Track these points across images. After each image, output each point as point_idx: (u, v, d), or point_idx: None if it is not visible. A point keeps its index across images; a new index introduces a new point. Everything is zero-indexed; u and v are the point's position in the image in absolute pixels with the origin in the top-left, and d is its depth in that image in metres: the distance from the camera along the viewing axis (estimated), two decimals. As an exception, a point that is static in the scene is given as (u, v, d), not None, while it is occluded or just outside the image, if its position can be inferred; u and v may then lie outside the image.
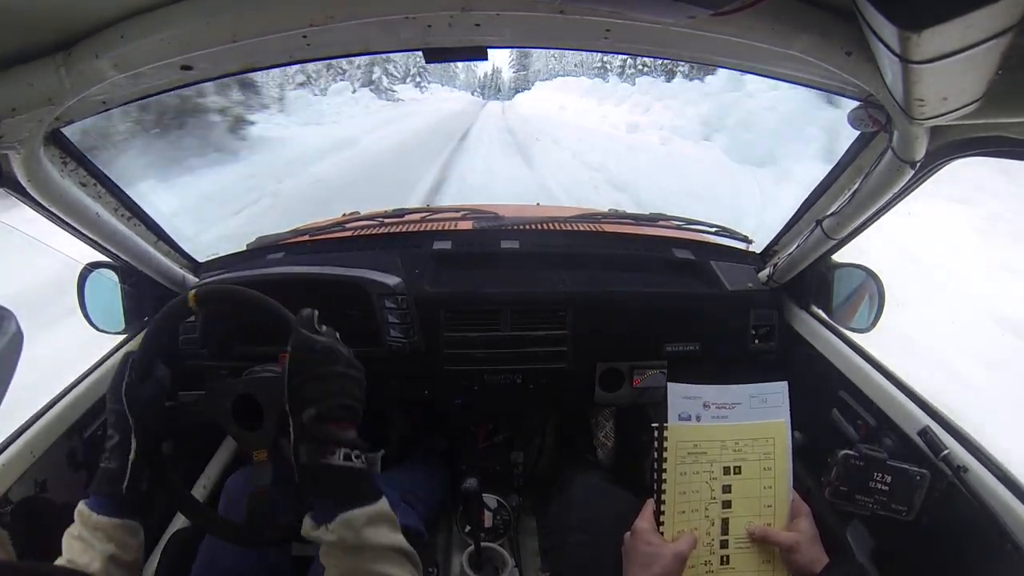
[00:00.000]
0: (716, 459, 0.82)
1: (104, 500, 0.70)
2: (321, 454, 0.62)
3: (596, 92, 20.92)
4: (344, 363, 0.67)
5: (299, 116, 13.34)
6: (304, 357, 0.65)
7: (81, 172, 0.96)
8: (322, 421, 0.63)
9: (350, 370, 0.67)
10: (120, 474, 0.70)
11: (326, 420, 0.64)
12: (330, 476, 0.62)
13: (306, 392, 0.64)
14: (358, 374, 0.69)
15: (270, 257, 1.40)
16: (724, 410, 0.83)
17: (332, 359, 0.66)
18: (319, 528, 0.62)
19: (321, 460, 0.62)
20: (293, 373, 0.65)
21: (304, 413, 0.63)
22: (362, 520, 0.61)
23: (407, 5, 0.67)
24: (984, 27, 0.41)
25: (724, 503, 0.81)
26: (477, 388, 1.29)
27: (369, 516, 0.62)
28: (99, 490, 0.70)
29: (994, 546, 0.75)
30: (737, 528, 0.80)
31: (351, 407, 0.66)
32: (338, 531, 0.61)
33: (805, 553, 0.76)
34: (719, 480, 0.81)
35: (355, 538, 0.61)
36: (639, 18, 0.67)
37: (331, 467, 0.62)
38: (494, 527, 1.42)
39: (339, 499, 0.62)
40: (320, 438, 0.63)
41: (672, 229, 1.51)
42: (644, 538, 0.77)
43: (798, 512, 0.81)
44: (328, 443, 0.63)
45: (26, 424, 0.97)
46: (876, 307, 1.13)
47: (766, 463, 0.82)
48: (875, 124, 0.80)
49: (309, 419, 0.63)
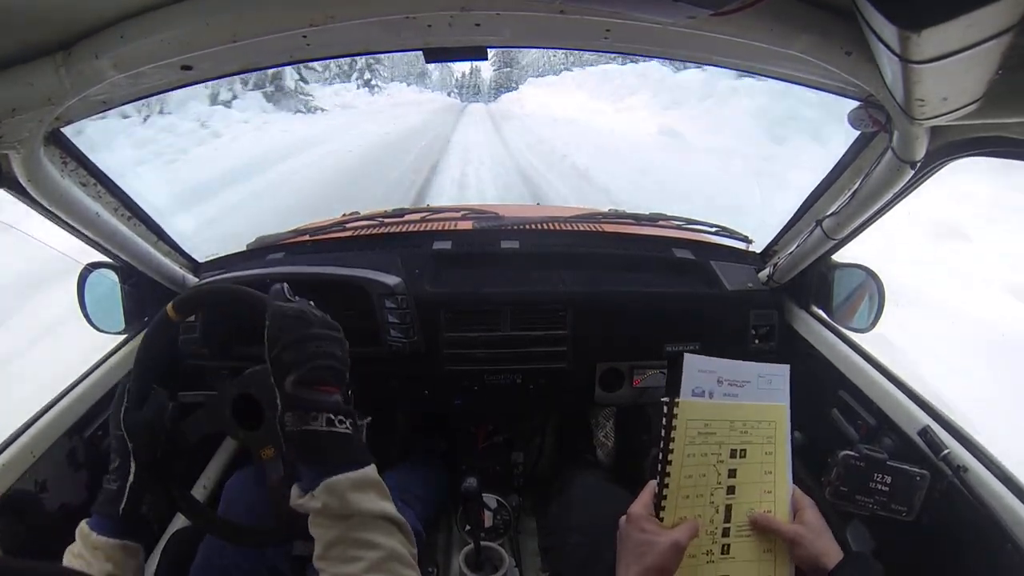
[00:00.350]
0: (725, 440, 0.75)
1: (104, 520, 0.70)
2: (304, 420, 0.61)
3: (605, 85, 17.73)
4: (319, 324, 0.66)
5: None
6: (278, 324, 0.65)
7: (81, 172, 0.95)
8: (305, 385, 0.62)
9: (326, 330, 0.67)
10: (120, 496, 0.70)
11: (309, 384, 0.63)
12: (313, 441, 0.61)
13: (284, 358, 0.63)
14: (336, 333, 0.68)
15: (270, 257, 1.40)
16: (735, 387, 0.77)
17: (305, 321, 0.66)
18: (304, 496, 0.61)
19: (304, 426, 0.61)
20: (271, 344, 0.64)
21: (286, 381, 0.62)
22: (346, 485, 0.60)
23: (407, 5, 0.67)
24: (984, 27, 0.41)
25: (729, 488, 0.75)
26: (477, 388, 1.29)
27: (354, 481, 0.60)
28: (100, 510, 0.71)
29: (994, 546, 0.75)
30: (739, 516, 0.75)
31: (332, 367, 0.65)
32: (322, 497, 0.59)
33: (810, 546, 0.71)
34: (726, 463, 0.75)
35: (340, 504, 0.59)
36: (639, 18, 0.67)
37: (314, 432, 0.61)
38: (494, 527, 1.42)
39: (323, 465, 0.61)
40: (303, 404, 0.62)
41: (672, 229, 1.51)
42: (639, 524, 0.70)
43: (802, 504, 0.76)
44: (311, 408, 0.61)
45: (26, 424, 0.97)
46: (876, 307, 1.13)
47: (767, 447, 0.78)
48: (875, 124, 0.80)
49: (291, 385, 0.62)
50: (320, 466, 0.61)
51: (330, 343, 0.66)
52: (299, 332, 0.64)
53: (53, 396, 1.04)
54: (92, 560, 0.68)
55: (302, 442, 0.61)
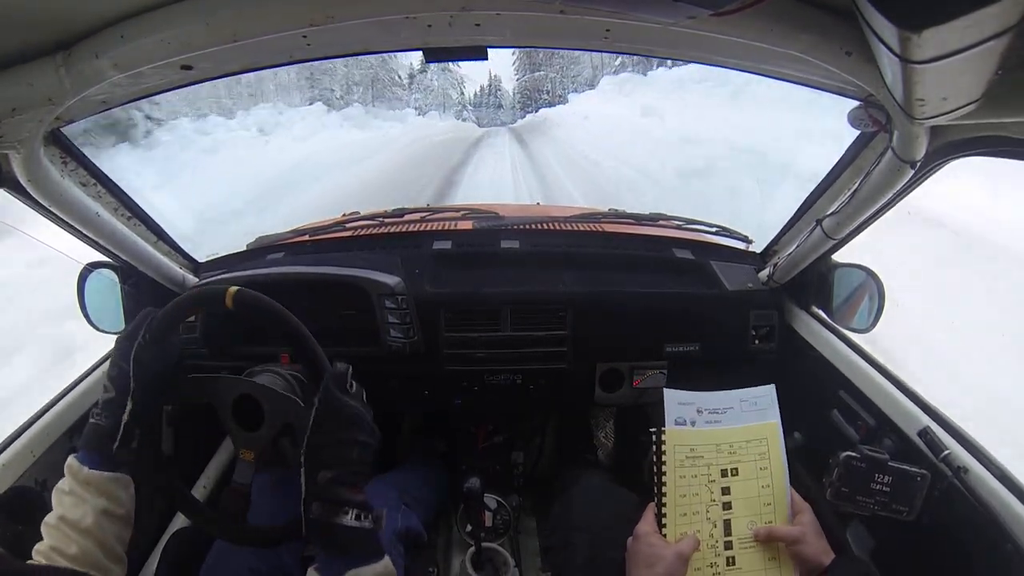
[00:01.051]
0: (712, 462, 0.83)
1: (94, 455, 0.70)
2: (334, 513, 0.64)
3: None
4: (367, 432, 0.68)
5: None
6: (331, 418, 0.66)
7: (81, 172, 0.96)
8: (339, 484, 0.65)
9: (371, 439, 0.69)
10: (112, 432, 0.70)
11: (343, 484, 0.65)
12: (341, 535, 0.64)
13: (326, 454, 0.65)
14: (375, 442, 0.70)
15: (270, 257, 1.40)
16: (716, 415, 0.86)
17: (358, 427, 0.67)
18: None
19: (333, 519, 0.64)
20: (316, 430, 0.66)
21: (320, 473, 0.64)
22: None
23: (407, 5, 0.67)
24: (984, 27, 0.41)
25: (724, 504, 0.82)
26: (477, 388, 1.29)
27: (376, 574, 0.64)
28: (89, 445, 0.70)
29: (994, 546, 0.75)
30: (740, 528, 0.81)
31: (365, 473, 0.68)
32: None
33: (811, 544, 0.76)
34: (717, 483, 0.83)
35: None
36: (639, 18, 0.67)
37: (343, 527, 0.64)
38: (494, 527, 1.42)
39: (347, 556, 0.64)
40: (334, 499, 0.64)
41: (672, 229, 1.51)
42: (647, 540, 0.78)
43: (800, 509, 0.81)
44: (342, 504, 0.64)
45: (26, 424, 0.97)
46: (876, 307, 1.13)
47: (762, 463, 0.83)
48: (875, 124, 0.80)
49: (326, 480, 0.64)
50: (344, 557, 0.64)
51: (369, 452, 0.69)
52: (349, 435, 0.66)
53: (53, 396, 1.04)
54: (85, 495, 0.68)
55: (328, 533, 0.64)
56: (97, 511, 0.67)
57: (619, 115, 13.97)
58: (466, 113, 32.14)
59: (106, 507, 0.68)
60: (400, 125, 19.46)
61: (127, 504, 0.71)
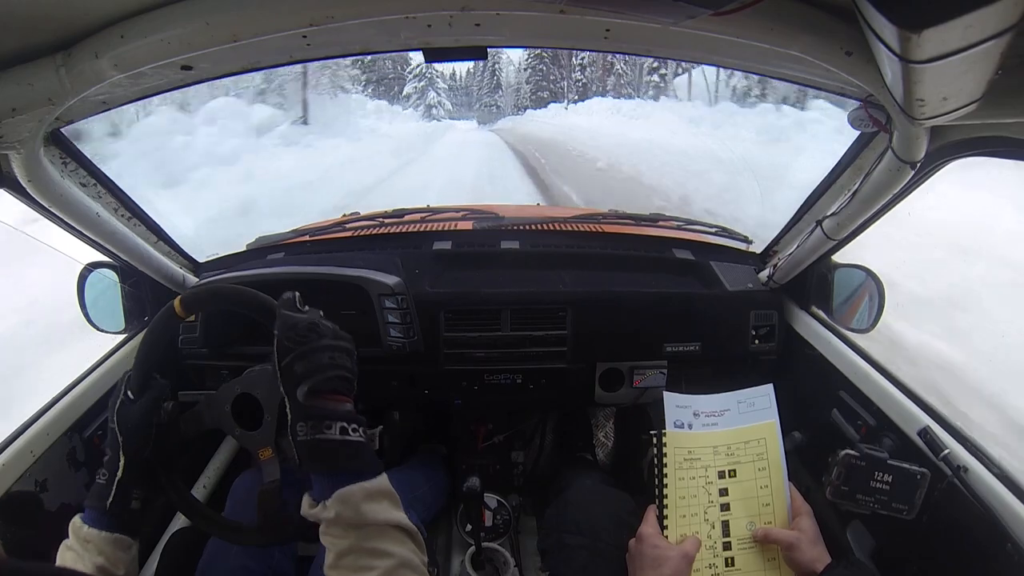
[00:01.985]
0: (710, 464, 0.84)
1: (95, 514, 0.70)
2: (317, 429, 0.61)
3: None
4: (331, 335, 0.67)
5: None
6: (289, 335, 0.65)
7: (81, 172, 0.96)
8: (316, 395, 0.63)
9: (338, 341, 0.67)
10: (108, 490, 0.71)
11: (320, 394, 0.63)
12: (327, 450, 0.61)
13: (296, 369, 0.63)
14: (347, 344, 0.68)
15: (270, 257, 1.40)
16: (713, 417, 0.87)
17: (317, 332, 0.66)
18: (317, 506, 0.61)
19: (318, 435, 0.61)
20: (281, 353, 0.64)
21: (298, 390, 0.62)
22: (360, 495, 0.60)
23: (407, 5, 0.67)
24: (984, 27, 0.41)
25: (722, 506, 0.83)
26: (477, 388, 1.29)
27: (367, 491, 0.61)
28: (91, 504, 0.71)
29: (994, 546, 0.75)
30: (738, 529, 0.81)
31: (344, 378, 0.66)
32: (336, 507, 0.59)
33: (805, 552, 0.76)
34: (715, 484, 0.83)
35: (353, 514, 0.59)
36: (639, 18, 0.67)
37: (328, 440, 0.61)
38: (494, 526, 1.42)
39: (337, 474, 0.61)
40: (316, 413, 0.62)
41: (672, 229, 1.51)
42: (651, 542, 0.78)
43: (799, 511, 0.81)
44: (325, 417, 0.62)
45: (26, 424, 0.97)
46: (876, 307, 1.14)
47: (760, 464, 0.84)
48: (875, 124, 0.80)
49: (303, 395, 0.62)
50: (333, 475, 0.61)
51: (341, 354, 0.67)
52: (311, 343, 0.65)
53: (53, 396, 1.04)
54: (84, 553, 0.68)
55: (315, 451, 0.61)
56: (94, 568, 0.67)
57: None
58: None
59: (103, 565, 0.67)
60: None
61: (125, 565, 0.71)
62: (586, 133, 13.55)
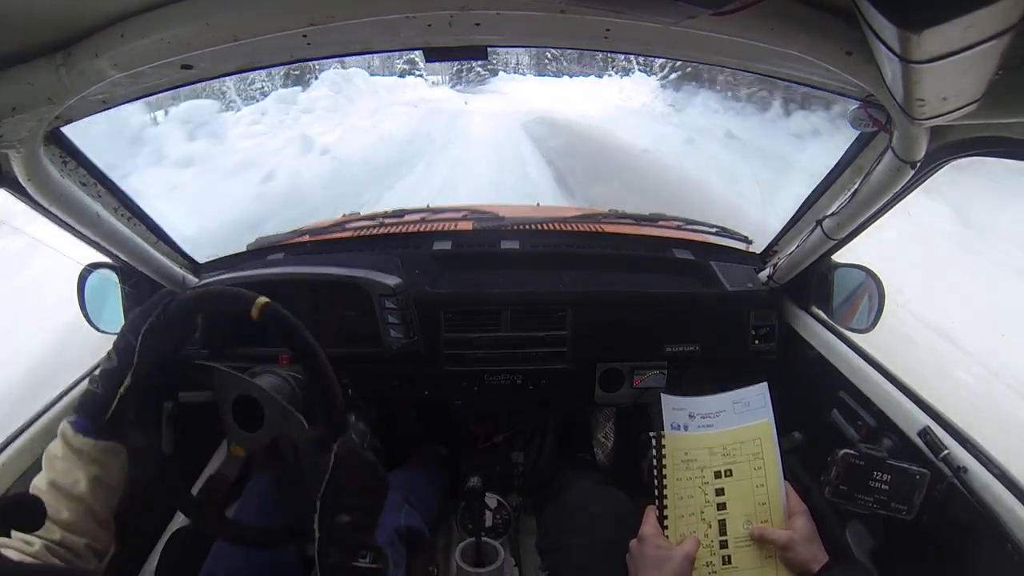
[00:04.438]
0: (706, 465, 0.85)
1: (88, 422, 0.70)
2: (351, 558, 0.66)
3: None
4: (381, 479, 0.71)
5: None
6: (353, 467, 0.69)
7: (81, 172, 0.95)
8: (357, 530, 0.67)
9: (383, 488, 0.72)
10: (107, 401, 0.70)
11: (361, 530, 0.68)
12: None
13: (346, 499, 0.68)
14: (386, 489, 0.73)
15: (270, 258, 1.40)
16: (709, 419, 0.88)
17: (377, 477, 0.71)
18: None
19: (351, 563, 0.66)
20: (337, 477, 0.67)
21: (338, 517, 0.66)
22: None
23: (407, 5, 0.67)
24: (984, 27, 0.41)
25: (719, 505, 0.83)
26: (477, 388, 1.29)
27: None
28: (83, 411, 0.71)
29: (993, 546, 0.75)
30: (735, 528, 0.82)
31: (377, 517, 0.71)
32: None
33: (800, 551, 0.77)
34: (711, 484, 0.84)
35: None
36: (639, 18, 0.67)
37: (360, 569, 0.66)
38: (494, 526, 1.42)
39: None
40: (353, 543, 0.67)
41: (672, 229, 1.51)
42: (652, 542, 0.79)
43: (795, 510, 0.81)
44: (361, 547, 0.67)
45: (26, 424, 0.97)
46: (876, 307, 1.14)
47: (756, 463, 0.85)
48: (875, 124, 0.80)
49: (342, 524, 0.66)
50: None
51: (381, 497, 0.71)
52: (369, 484, 0.70)
53: (53, 396, 1.04)
54: (77, 461, 0.68)
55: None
56: (89, 478, 0.68)
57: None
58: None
59: (98, 475, 0.69)
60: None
61: (118, 474, 0.72)
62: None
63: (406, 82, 16.80)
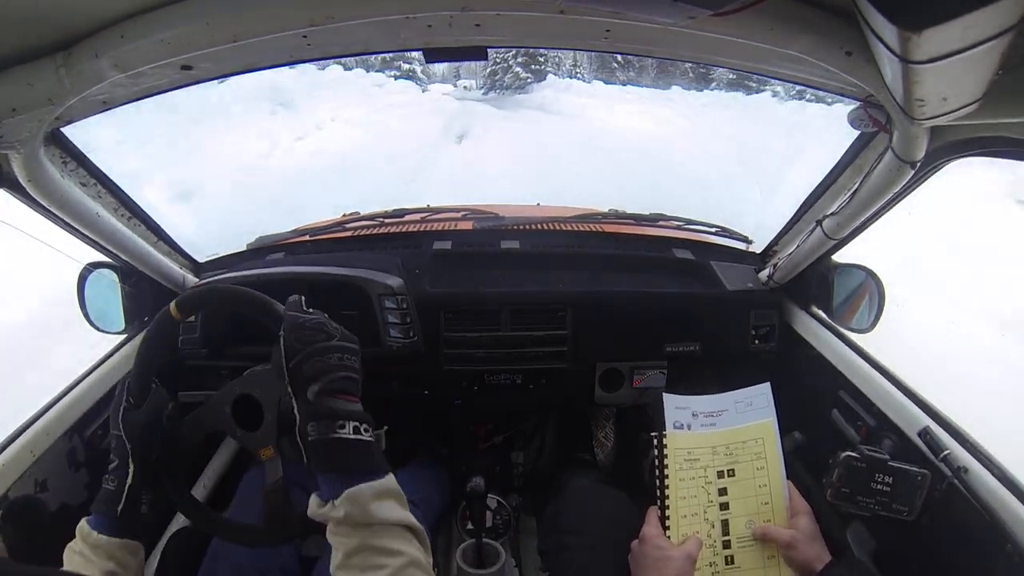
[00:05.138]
0: (709, 464, 0.85)
1: (104, 519, 0.70)
2: (330, 428, 0.61)
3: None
4: (339, 336, 0.67)
5: None
6: (298, 335, 0.65)
7: (81, 172, 0.95)
8: (328, 395, 0.63)
9: (345, 342, 0.67)
10: (118, 496, 0.71)
11: (332, 394, 0.63)
12: (339, 449, 0.61)
13: (306, 369, 0.64)
14: (353, 345, 0.68)
15: (270, 257, 1.40)
16: (712, 418, 0.88)
17: (326, 333, 0.66)
18: (325, 505, 0.61)
19: (331, 434, 0.61)
20: (289, 353, 0.65)
21: (308, 390, 0.63)
22: (369, 494, 0.60)
23: (407, 5, 0.67)
24: (984, 27, 0.41)
25: (721, 505, 0.83)
26: (477, 388, 1.29)
27: (376, 491, 0.61)
28: (99, 509, 0.71)
29: (994, 546, 0.75)
30: (738, 528, 0.82)
31: (353, 378, 0.66)
32: (345, 506, 0.60)
33: (803, 550, 0.77)
34: (714, 484, 0.84)
35: (362, 513, 0.60)
36: (639, 18, 0.67)
37: (342, 440, 0.61)
38: (494, 526, 1.42)
39: (347, 473, 0.61)
40: (329, 413, 0.62)
41: (672, 229, 1.51)
42: (654, 543, 0.79)
43: (797, 510, 0.81)
44: (338, 417, 0.62)
45: (26, 424, 0.97)
46: (876, 307, 1.13)
47: (758, 463, 0.85)
48: (875, 124, 0.80)
49: (314, 395, 0.62)
50: (342, 475, 0.61)
51: (350, 355, 0.67)
52: (320, 344, 0.65)
53: (53, 396, 1.04)
54: (93, 558, 0.68)
55: (327, 450, 0.62)
56: (105, 572, 0.67)
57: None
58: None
59: (113, 570, 0.68)
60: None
61: (134, 569, 0.71)
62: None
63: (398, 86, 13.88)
